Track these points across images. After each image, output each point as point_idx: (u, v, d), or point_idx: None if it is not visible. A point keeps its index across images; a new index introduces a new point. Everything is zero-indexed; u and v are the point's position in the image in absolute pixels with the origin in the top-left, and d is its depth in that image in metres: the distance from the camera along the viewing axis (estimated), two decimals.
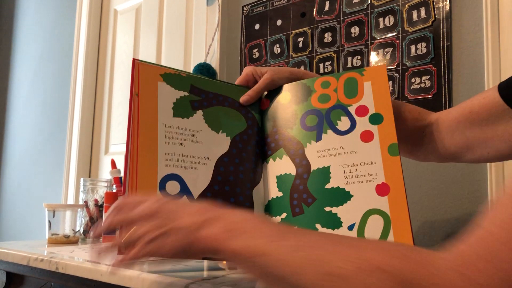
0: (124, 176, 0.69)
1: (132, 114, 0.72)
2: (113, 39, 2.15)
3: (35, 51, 2.49)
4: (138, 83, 0.74)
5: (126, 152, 0.70)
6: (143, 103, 0.73)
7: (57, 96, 2.30)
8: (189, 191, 0.71)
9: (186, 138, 0.74)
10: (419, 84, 1.14)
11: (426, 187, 1.12)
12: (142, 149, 0.70)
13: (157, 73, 0.76)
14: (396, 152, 0.73)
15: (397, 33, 1.20)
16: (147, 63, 0.76)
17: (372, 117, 0.76)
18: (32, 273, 0.92)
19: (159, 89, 0.75)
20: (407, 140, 0.81)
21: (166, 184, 0.70)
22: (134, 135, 0.71)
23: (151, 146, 0.71)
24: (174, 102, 0.76)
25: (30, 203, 2.35)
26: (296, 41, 1.40)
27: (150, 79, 0.75)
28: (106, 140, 2.11)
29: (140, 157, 0.70)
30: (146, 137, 0.71)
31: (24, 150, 2.45)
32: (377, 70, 0.79)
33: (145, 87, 0.74)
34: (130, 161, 0.69)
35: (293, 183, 0.76)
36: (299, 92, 0.82)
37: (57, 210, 1.11)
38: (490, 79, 1.04)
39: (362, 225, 0.71)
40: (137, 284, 0.66)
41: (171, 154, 0.72)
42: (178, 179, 0.71)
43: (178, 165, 0.72)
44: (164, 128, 0.73)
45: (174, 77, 0.77)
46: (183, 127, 0.75)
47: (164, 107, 0.74)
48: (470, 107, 0.73)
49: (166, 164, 0.71)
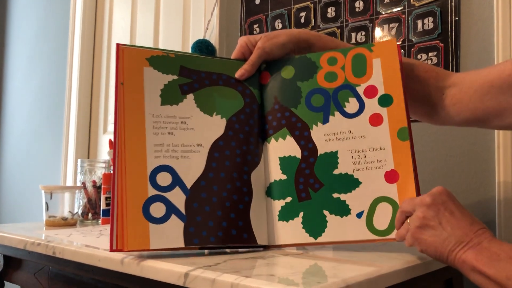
0: (113, 170, 0.67)
1: (118, 105, 0.69)
2: (109, 15, 2.09)
3: (30, 31, 2.43)
4: (123, 71, 0.70)
5: (115, 145, 0.67)
6: (128, 93, 0.70)
7: (54, 75, 2.26)
8: (181, 181, 0.69)
9: (176, 127, 0.71)
10: (426, 61, 1.10)
11: (432, 167, 1.09)
12: (130, 142, 0.68)
13: (143, 58, 0.72)
14: (406, 137, 0.70)
15: (403, 8, 1.15)
16: (132, 46, 0.72)
17: (381, 99, 0.73)
18: (29, 257, 0.90)
19: (145, 76, 0.72)
20: (424, 102, 0.77)
21: (156, 176, 0.68)
22: (121, 128, 0.68)
23: (139, 139, 0.69)
24: (162, 89, 0.72)
25: (29, 184, 2.34)
26: (298, 16, 1.35)
27: (135, 65, 0.71)
28: (105, 119, 2.08)
29: (128, 151, 0.67)
30: (133, 129, 0.69)
31: (22, 131, 2.43)
32: (387, 46, 0.75)
33: (130, 75, 0.71)
34: (119, 155, 0.67)
35: (299, 166, 0.74)
36: (303, 68, 0.78)
37: (55, 192, 1.09)
38: (500, 55, 1.00)
39: (371, 213, 0.70)
40: (136, 270, 0.64)
41: (160, 145, 0.69)
42: (170, 170, 0.69)
43: (168, 156, 0.69)
44: (151, 119, 0.70)
45: (161, 60, 0.74)
46: (172, 115, 0.72)
47: (151, 96, 0.71)
48: (510, 70, 0.68)
49: (155, 156, 0.69)
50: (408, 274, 0.63)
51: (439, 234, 0.57)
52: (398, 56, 0.74)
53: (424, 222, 0.59)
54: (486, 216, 1.01)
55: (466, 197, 1.04)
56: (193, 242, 0.66)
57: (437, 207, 0.59)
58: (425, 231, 0.59)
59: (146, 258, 0.64)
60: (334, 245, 0.74)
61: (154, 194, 0.67)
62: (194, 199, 0.68)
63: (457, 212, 0.58)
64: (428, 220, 0.58)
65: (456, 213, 0.58)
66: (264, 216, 0.73)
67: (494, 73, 0.70)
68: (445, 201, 0.59)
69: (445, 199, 0.59)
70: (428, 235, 0.58)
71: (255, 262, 0.63)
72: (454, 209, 0.59)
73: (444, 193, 0.60)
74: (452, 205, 0.59)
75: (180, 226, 0.66)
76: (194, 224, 0.67)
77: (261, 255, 0.68)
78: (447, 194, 0.60)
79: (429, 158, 1.10)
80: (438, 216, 0.58)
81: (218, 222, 0.68)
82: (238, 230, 0.69)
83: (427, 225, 0.58)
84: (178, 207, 0.67)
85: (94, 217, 1.17)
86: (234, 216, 0.69)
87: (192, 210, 0.68)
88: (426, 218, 0.59)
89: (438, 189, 0.61)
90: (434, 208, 0.59)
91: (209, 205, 0.69)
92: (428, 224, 0.58)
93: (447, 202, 0.59)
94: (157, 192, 0.67)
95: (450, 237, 0.57)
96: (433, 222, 0.58)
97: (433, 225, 0.58)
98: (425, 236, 0.59)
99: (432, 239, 0.58)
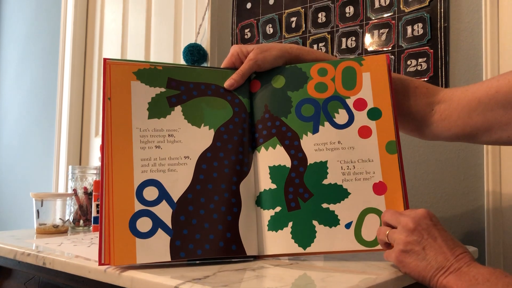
0: (100, 184, 0.67)
1: (106, 120, 0.69)
2: (101, 17, 2.08)
3: (21, 31, 2.42)
4: (110, 86, 0.70)
5: (102, 159, 0.68)
6: (115, 107, 0.70)
7: (45, 76, 2.24)
8: (168, 195, 0.69)
9: (163, 140, 0.71)
10: (415, 67, 1.11)
11: (421, 171, 1.10)
12: (117, 157, 0.68)
13: (130, 72, 0.72)
14: (394, 150, 0.72)
15: (393, 13, 1.16)
16: (119, 61, 0.72)
17: (370, 112, 0.74)
18: (19, 267, 0.90)
19: (133, 90, 0.72)
20: (414, 117, 0.78)
21: (143, 190, 0.68)
22: (108, 143, 0.68)
23: (126, 154, 0.69)
24: (149, 102, 0.72)
25: (21, 186, 2.33)
26: (289, 21, 1.35)
27: (122, 80, 0.71)
28: (97, 121, 2.07)
29: (115, 166, 0.68)
30: (121, 144, 0.69)
31: (12, 132, 2.41)
32: (377, 60, 0.76)
33: (117, 90, 0.71)
34: (106, 170, 0.67)
35: (288, 175, 0.74)
36: (294, 78, 0.78)
37: (45, 200, 1.09)
38: (488, 61, 1.01)
39: (359, 224, 0.71)
40: (126, 282, 0.64)
41: (147, 159, 0.70)
42: (156, 184, 0.69)
43: (155, 170, 0.69)
44: (138, 133, 0.70)
45: (149, 73, 0.73)
46: (159, 128, 0.72)
47: (138, 110, 0.71)
48: (497, 87, 0.69)
49: (142, 170, 0.69)
50: (398, 285, 0.64)
51: (421, 259, 0.60)
52: (387, 71, 0.75)
53: (408, 247, 0.61)
54: (474, 221, 1.02)
55: (455, 202, 1.05)
56: (179, 255, 0.66)
57: (421, 233, 0.61)
58: (409, 255, 0.61)
59: (137, 270, 0.64)
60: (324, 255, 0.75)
61: (140, 209, 0.67)
62: (181, 212, 0.68)
63: (439, 238, 0.61)
64: (412, 245, 0.61)
65: (438, 239, 0.61)
66: (253, 226, 0.73)
67: (481, 90, 0.71)
68: (429, 225, 0.62)
69: (429, 223, 0.62)
70: (412, 259, 0.61)
71: (244, 274, 0.63)
72: (437, 235, 0.61)
73: (428, 218, 0.63)
74: (435, 231, 0.61)
75: (166, 240, 0.66)
76: (181, 237, 0.67)
77: (251, 266, 0.68)
78: (430, 218, 0.63)
79: (418, 162, 1.10)
80: (421, 241, 0.61)
81: (205, 235, 0.68)
82: (226, 241, 0.69)
83: (411, 250, 0.61)
84: (165, 221, 0.67)
85: (85, 223, 1.16)
86: (222, 227, 0.69)
87: (178, 223, 0.68)
88: (410, 243, 0.61)
89: (422, 213, 0.63)
90: (418, 234, 0.61)
91: (196, 218, 0.69)
92: (413, 249, 0.61)
93: (430, 227, 0.62)
94: (144, 206, 0.67)
95: (432, 262, 0.59)
96: (417, 248, 0.61)
97: (417, 250, 0.60)
98: (409, 260, 0.61)
99: (416, 263, 0.60)
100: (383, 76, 0.75)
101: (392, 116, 0.73)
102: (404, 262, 0.61)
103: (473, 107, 0.72)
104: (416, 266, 0.60)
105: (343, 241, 0.70)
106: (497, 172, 0.99)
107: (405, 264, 0.61)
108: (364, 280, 0.59)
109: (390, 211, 0.67)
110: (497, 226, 0.99)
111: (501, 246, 0.98)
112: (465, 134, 0.74)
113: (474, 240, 1.01)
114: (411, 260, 0.61)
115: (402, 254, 0.61)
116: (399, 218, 0.64)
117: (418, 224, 0.62)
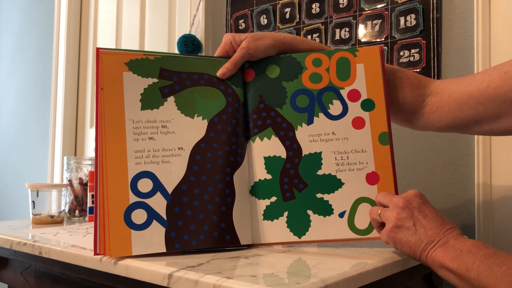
0: (95, 176, 0.67)
1: (99, 111, 0.69)
2: (95, 8, 2.07)
3: (15, 22, 2.40)
4: (102, 76, 0.70)
5: (96, 152, 0.68)
6: (108, 99, 0.70)
7: (39, 67, 2.24)
8: (162, 186, 0.70)
9: (157, 131, 0.72)
10: (408, 57, 1.12)
11: (413, 161, 1.11)
12: (111, 149, 0.68)
13: (122, 62, 0.72)
14: (386, 141, 0.73)
15: (386, 4, 1.16)
16: (111, 50, 0.72)
17: (364, 103, 0.75)
18: (16, 256, 0.91)
19: (125, 81, 0.71)
20: (405, 108, 0.79)
21: (137, 182, 0.69)
22: (102, 135, 0.69)
23: (119, 146, 0.69)
24: (141, 93, 0.72)
25: (17, 176, 2.33)
26: (283, 12, 1.36)
27: (115, 70, 0.71)
28: (91, 112, 2.07)
29: (109, 158, 0.68)
30: (114, 136, 0.69)
31: (7, 123, 2.41)
32: (371, 52, 0.77)
33: (109, 81, 0.71)
34: (100, 162, 0.68)
35: (284, 166, 0.75)
36: (288, 68, 0.78)
37: (41, 190, 1.09)
38: (480, 52, 1.02)
39: (353, 213, 0.72)
40: (121, 271, 0.66)
41: (141, 151, 0.70)
42: (150, 176, 0.69)
43: (149, 161, 0.70)
44: (132, 124, 0.70)
45: (141, 63, 0.73)
46: (152, 120, 0.72)
47: (131, 101, 0.71)
48: (488, 81, 0.69)
49: (136, 162, 0.69)
50: (387, 271, 0.65)
51: (412, 234, 0.62)
52: (381, 63, 0.75)
53: (400, 223, 0.63)
54: (464, 211, 1.04)
55: (445, 192, 1.07)
56: (174, 246, 0.67)
57: (411, 210, 0.64)
58: (400, 231, 0.63)
59: (132, 259, 0.65)
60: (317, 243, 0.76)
61: (135, 201, 0.68)
62: (176, 203, 0.69)
63: (429, 215, 0.63)
64: (403, 221, 0.63)
65: (428, 215, 0.63)
66: (247, 216, 0.74)
67: (473, 84, 0.71)
68: (419, 203, 0.64)
69: (419, 201, 0.65)
70: (403, 235, 0.63)
71: (237, 262, 0.64)
72: (427, 212, 0.64)
73: (418, 196, 0.65)
74: (426, 208, 0.64)
75: (161, 231, 0.67)
76: (176, 228, 0.68)
77: (244, 254, 0.69)
78: (420, 197, 0.65)
79: (409, 152, 1.12)
80: (412, 218, 0.63)
81: (200, 225, 0.69)
82: (220, 232, 0.70)
83: (402, 226, 0.63)
84: (159, 212, 0.68)
85: (81, 214, 1.17)
86: (216, 218, 0.70)
87: (173, 214, 0.69)
88: (401, 219, 0.63)
89: (413, 192, 0.66)
90: (409, 211, 0.64)
91: (191, 209, 0.70)
92: (404, 225, 0.63)
93: (421, 205, 0.64)
94: (138, 198, 0.68)
95: (423, 237, 0.62)
96: (408, 223, 0.63)
97: (408, 226, 0.63)
98: (400, 235, 0.63)
99: (407, 238, 0.63)
100: (376, 68, 0.75)
101: (385, 108, 0.74)
102: (395, 237, 0.64)
103: (464, 100, 0.72)
104: (407, 241, 0.63)
105: (337, 230, 0.72)
106: (487, 162, 1.01)
107: (396, 239, 0.64)
108: (356, 266, 0.61)
109: (383, 193, 0.70)
110: (487, 216, 1.00)
111: (490, 235, 1.00)
112: (456, 125, 0.75)
113: (465, 230, 1.03)
114: (402, 236, 0.63)
115: (393, 230, 0.64)
116: (391, 198, 0.67)
117: (409, 202, 0.64)
